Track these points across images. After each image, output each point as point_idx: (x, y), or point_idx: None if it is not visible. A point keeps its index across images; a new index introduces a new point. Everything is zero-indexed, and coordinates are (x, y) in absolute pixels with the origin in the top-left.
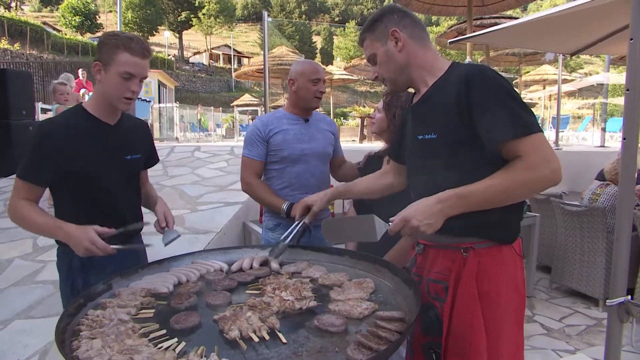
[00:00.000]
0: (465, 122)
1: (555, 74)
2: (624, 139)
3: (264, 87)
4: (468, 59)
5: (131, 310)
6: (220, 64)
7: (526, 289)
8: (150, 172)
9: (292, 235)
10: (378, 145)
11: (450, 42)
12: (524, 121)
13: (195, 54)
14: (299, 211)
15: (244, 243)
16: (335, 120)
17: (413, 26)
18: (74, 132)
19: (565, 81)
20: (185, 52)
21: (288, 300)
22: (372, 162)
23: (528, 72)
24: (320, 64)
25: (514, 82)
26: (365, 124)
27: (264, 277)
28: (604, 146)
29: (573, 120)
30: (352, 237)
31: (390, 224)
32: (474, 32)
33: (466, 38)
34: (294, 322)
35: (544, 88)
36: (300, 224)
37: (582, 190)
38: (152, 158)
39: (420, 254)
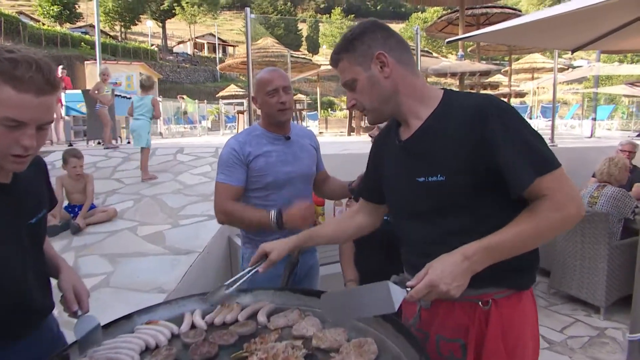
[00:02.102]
0: (481, 162)
1: (544, 62)
2: None
3: (247, 84)
4: (460, 52)
5: None
6: (205, 53)
7: None
8: (129, 180)
9: (238, 282)
10: (366, 140)
11: (447, 42)
12: (546, 157)
13: (179, 43)
14: (255, 257)
15: (230, 262)
16: (322, 111)
17: (400, 49)
18: None
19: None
20: (168, 42)
21: None
22: None
23: (517, 59)
24: (307, 51)
25: (503, 70)
26: (353, 115)
27: (249, 338)
28: (594, 136)
29: (560, 105)
30: (363, 311)
31: (408, 289)
32: (466, 22)
33: (464, 38)
34: None
35: (533, 78)
36: (252, 271)
37: (579, 188)
38: (52, 202)
39: (427, 309)
